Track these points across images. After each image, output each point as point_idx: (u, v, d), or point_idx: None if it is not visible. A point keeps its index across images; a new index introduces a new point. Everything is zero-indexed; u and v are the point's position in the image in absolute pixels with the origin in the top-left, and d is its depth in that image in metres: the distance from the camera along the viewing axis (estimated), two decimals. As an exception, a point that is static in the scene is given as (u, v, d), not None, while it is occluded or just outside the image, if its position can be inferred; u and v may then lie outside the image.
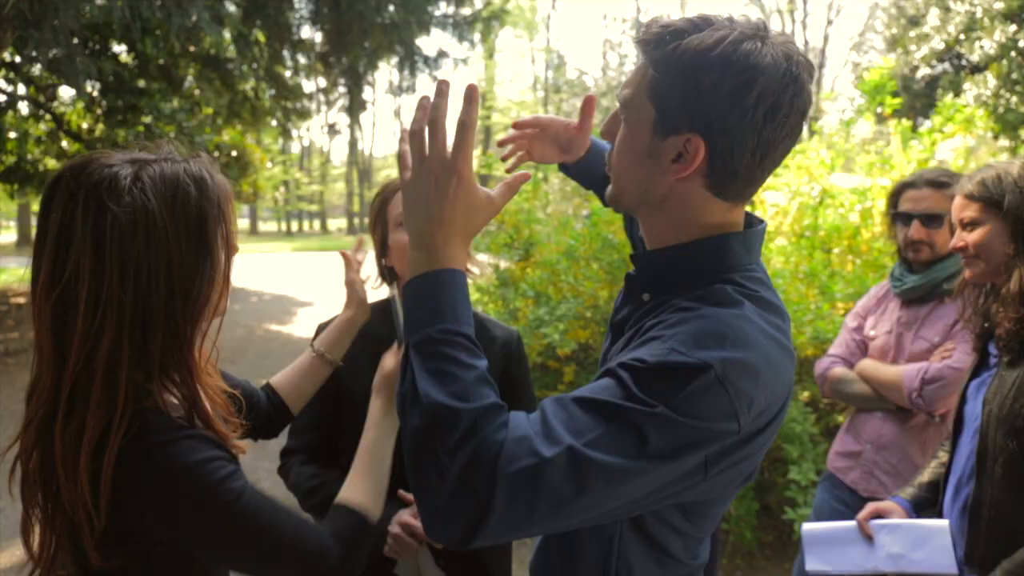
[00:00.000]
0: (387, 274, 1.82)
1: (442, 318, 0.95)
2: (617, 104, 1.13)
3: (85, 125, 13.32)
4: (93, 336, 1.07)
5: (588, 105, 1.45)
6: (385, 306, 1.87)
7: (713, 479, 0.99)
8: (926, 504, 1.98)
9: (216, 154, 13.31)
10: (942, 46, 16.10)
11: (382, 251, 1.78)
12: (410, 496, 1.65)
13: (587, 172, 1.54)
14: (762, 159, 1.03)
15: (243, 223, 50.48)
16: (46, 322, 1.09)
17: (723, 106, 0.99)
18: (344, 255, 1.70)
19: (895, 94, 5.22)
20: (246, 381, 1.50)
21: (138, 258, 1.07)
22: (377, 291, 1.89)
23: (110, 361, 1.07)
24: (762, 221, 1.16)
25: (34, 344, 1.14)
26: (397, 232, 1.73)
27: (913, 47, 17.31)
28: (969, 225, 1.80)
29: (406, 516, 1.61)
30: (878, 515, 1.95)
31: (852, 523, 1.95)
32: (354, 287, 1.66)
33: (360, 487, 1.32)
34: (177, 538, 1.11)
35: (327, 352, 1.61)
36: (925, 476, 2.03)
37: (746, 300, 1.03)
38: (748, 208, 1.22)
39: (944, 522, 1.83)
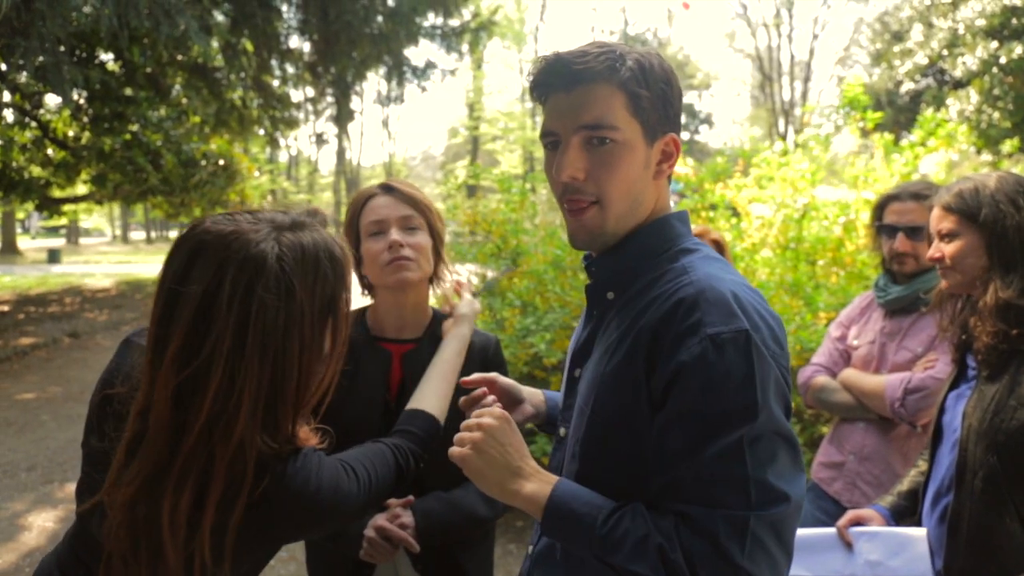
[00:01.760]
0: (363, 283, 1.83)
1: (589, 531, 1.08)
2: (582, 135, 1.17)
3: (71, 133, 13.25)
4: (229, 415, 1.06)
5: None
6: (358, 313, 1.88)
7: None
8: (905, 512, 1.99)
9: (203, 163, 13.25)
10: (925, 61, 16.31)
11: (356, 261, 1.79)
12: (388, 500, 1.66)
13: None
14: None
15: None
16: (168, 393, 1.06)
17: (679, 106, 1.23)
18: None
19: (878, 108, 5.29)
20: None
21: (277, 341, 1.07)
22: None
23: (241, 442, 1.07)
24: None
25: (141, 401, 1.11)
26: (368, 241, 1.74)
27: (897, 62, 17.53)
28: (946, 237, 1.81)
29: (381, 520, 1.61)
30: (857, 522, 1.97)
31: (832, 530, 1.97)
32: None
33: (436, 399, 1.57)
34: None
35: None
36: (904, 485, 2.04)
37: (697, 260, 1.17)
38: (735, 220, 1.33)
39: (922, 531, 1.84)
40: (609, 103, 1.14)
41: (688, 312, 1.06)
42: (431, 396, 1.57)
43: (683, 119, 1.34)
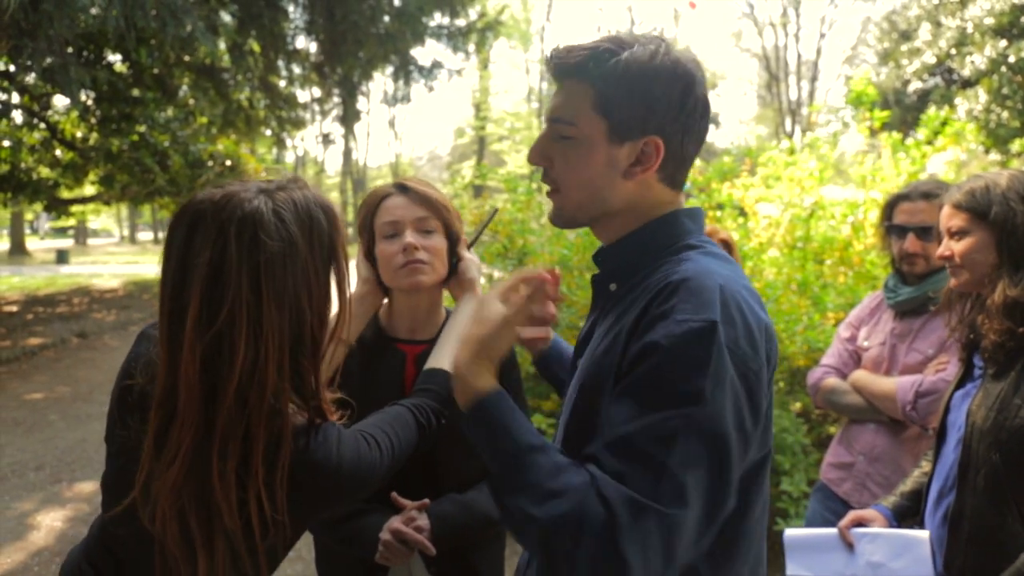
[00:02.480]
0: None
1: (505, 450, 1.07)
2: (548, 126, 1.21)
3: (79, 134, 13.30)
4: (260, 369, 1.09)
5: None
6: (373, 315, 1.87)
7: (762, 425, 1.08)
8: (908, 513, 1.98)
9: (210, 163, 13.28)
10: (933, 60, 16.22)
11: (371, 260, 1.78)
12: (404, 501, 1.66)
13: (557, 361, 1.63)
14: (698, 146, 1.22)
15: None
16: (195, 360, 1.08)
17: (674, 108, 1.15)
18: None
19: (885, 107, 5.27)
20: None
21: (289, 289, 1.11)
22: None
23: (276, 395, 1.10)
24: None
25: (162, 383, 1.12)
26: (383, 243, 1.72)
27: (905, 61, 17.44)
28: (956, 235, 1.80)
29: (397, 523, 1.61)
30: (860, 523, 1.96)
31: (834, 530, 1.96)
32: (359, 267, 1.78)
33: (450, 356, 1.53)
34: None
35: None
36: (908, 485, 2.03)
37: (698, 255, 1.16)
38: (742, 219, 1.30)
39: (924, 533, 1.83)
40: (575, 99, 1.17)
41: (667, 298, 1.06)
42: (449, 355, 1.58)
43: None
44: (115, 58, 12.21)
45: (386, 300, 1.86)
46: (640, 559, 0.94)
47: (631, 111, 1.14)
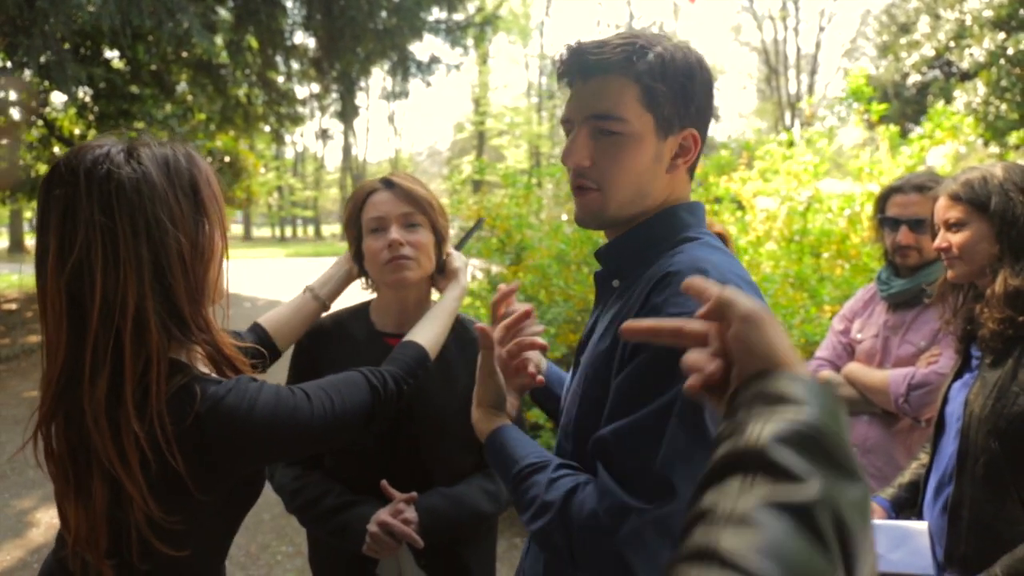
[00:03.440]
0: (364, 277, 1.83)
1: (507, 470, 1.21)
2: (590, 124, 1.19)
3: (77, 131, 13.27)
4: (120, 293, 1.11)
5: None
6: (363, 308, 1.88)
7: None
8: (906, 504, 1.99)
9: (209, 160, 13.22)
10: (932, 53, 16.21)
11: (358, 255, 1.79)
12: (393, 491, 1.66)
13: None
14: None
15: (237, 229, 50.28)
16: (60, 295, 1.12)
17: (705, 100, 1.21)
18: None
19: (884, 100, 5.27)
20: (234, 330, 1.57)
21: (146, 214, 1.13)
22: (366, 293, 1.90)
23: (138, 312, 1.12)
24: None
25: (44, 325, 1.16)
26: (369, 238, 1.73)
27: (904, 54, 17.45)
28: (954, 226, 1.80)
29: (384, 515, 1.61)
30: None
31: None
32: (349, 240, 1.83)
33: (428, 333, 1.61)
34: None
35: (318, 289, 1.77)
36: (906, 477, 2.04)
37: (693, 246, 1.17)
38: (739, 213, 1.31)
39: (923, 524, 1.84)
40: (621, 95, 1.15)
41: (661, 291, 1.08)
42: (423, 331, 1.62)
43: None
44: (112, 55, 12.18)
45: (375, 295, 1.87)
46: (642, 557, 0.98)
47: (674, 105, 1.17)
